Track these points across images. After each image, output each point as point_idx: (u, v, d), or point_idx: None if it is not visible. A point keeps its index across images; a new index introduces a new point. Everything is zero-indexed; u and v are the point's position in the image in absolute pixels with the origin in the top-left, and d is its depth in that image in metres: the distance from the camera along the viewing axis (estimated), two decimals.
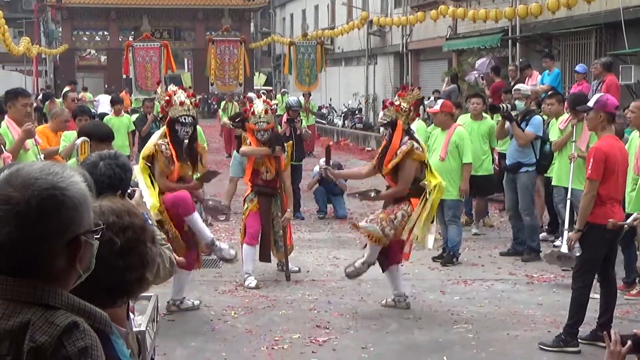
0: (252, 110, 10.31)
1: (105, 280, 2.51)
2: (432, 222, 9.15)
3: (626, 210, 8.67)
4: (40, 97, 27.52)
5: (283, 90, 31.33)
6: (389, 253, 9.03)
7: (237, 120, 14.04)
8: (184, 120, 8.83)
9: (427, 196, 8.88)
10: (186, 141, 8.79)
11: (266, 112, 10.19)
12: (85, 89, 34.63)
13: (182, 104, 8.92)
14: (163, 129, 9.04)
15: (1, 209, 2.01)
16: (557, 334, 7.81)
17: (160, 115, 19.41)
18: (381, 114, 9.45)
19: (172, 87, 9.38)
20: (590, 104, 7.92)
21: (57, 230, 2.06)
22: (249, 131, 10.36)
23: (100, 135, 6.93)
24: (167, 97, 9.02)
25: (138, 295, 2.81)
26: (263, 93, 24.08)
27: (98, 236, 2.20)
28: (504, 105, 11.40)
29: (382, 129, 9.43)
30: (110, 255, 2.51)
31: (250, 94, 41.07)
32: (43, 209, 2.03)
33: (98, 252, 2.46)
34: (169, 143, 8.71)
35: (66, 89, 18.08)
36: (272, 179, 10.30)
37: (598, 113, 7.70)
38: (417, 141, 9.09)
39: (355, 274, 9.23)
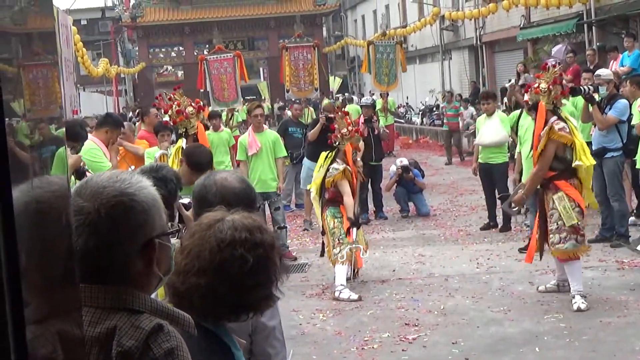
0: (339, 130, 10.17)
1: (233, 297, 2.54)
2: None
3: None
4: (131, 115, 27.98)
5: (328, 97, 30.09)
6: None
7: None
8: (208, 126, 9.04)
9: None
10: None
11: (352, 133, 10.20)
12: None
13: (203, 109, 9.14)
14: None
15: (74, 220, 2.07)
16: None
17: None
18: (526, 96, 9.40)
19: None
20: None
21: (129, 234, 2.11)
22: (351, 147, 10.30)
23: (197, 163, 6.56)
24: (198, 105, 9.21)
25: (264, 312, 2.80)
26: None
27: (174, 238, 2.25)
28: (585, 87, 11.15)
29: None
30: (242, 272, 2.52)
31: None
32: (113, 216, 2.09)
33: (229, 268, 2.50)
34: None
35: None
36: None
37: None
38: (565, 120, 8.89)
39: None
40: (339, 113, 10.65)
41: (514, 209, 9.81)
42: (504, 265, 10.71)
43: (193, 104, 9.20)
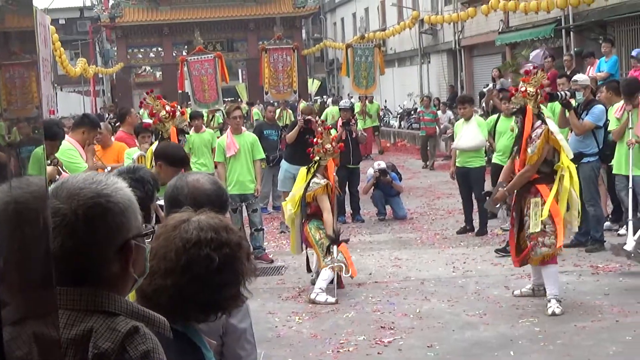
0: (323, 145, 10.10)
1: (201, 296, 2.54)
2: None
3: None
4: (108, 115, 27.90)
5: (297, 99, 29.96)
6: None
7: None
8: (186, 130, 8.96)
9: (560, 181, 8.77)
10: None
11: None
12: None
13: (183, 113, 9.04)
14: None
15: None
16: None
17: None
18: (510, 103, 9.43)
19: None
20: None
21: (106, 236, 2.11)
22: (333, 162, 10.31)
23: (172, 159, 6.61)
24: (172, 108, 9.10)
25: (232, 311, 2.79)
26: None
27: (149, 239, 2.24)
28: (562, 93, 11.22)
29: (513, 117, 9.35)
30: (208, 271, 2.52)
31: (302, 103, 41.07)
32: (90, 217, 2.08)
33: (195, 268, 2.51)
34: None
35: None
36: None
37: None
38: (549, 124, 8.94)
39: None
40: (325, 129, 10.56)
41: (496, 206, 9.85)
42: (480, 269, 10.75)
43: (168, 108, 9.11)
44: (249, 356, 3.51)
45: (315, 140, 10.18)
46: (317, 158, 10.05)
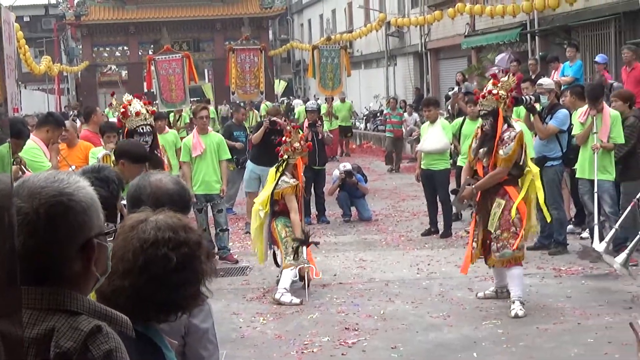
0: (292, 144, 10.05)
1: (160, 296, 2.52)
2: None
3: None
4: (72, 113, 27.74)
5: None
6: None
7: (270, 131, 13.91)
8: (142, 130, 8.82)
9: (526, 184, 8.87)
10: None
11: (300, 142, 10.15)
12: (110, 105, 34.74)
13: (138, 114, 8.90)
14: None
15: None
16: None
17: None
18: (478, 105, 9.30)
19: (126, 97, 9.35)
20: None
21: (68, 235, 2.10)
22: (300, 161, 10.27)
23: (134, 155, 6.72)
24: (122, 109, 9.02)
25: (194, 311, 2.77)
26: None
27: (111, 238, 2.23)
28: (527, 97, 11.30)
29: (479, 120, 9.30)
30: (165, 271, 2.51)
31: (297, 101, 40.95)
32: (51, 216, 2.07)
33: (153, 268, 2.50)
34: None
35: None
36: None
37: None
38: (521, 127, 9.01)
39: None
40: (294, 128, 10.55)
41: (463, 204, 9.88)
42: (444, 271, 10.80)
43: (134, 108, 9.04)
44: (211, 356, 3.50)
45: (284, 139, 10.18)
46: (285, 156, 10.04)
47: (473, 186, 9.07)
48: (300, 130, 10.67)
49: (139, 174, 6.18)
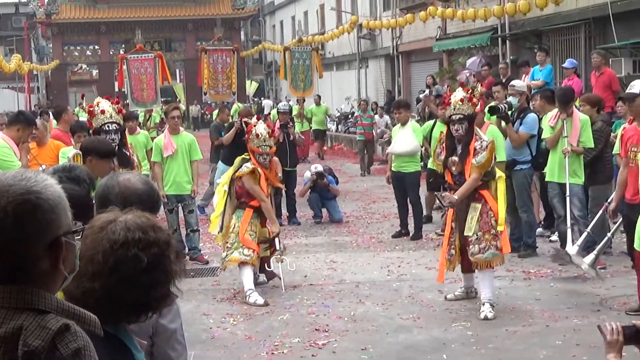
0: (255, 132, 10.03)
1: (130, 297, 2.49)
2: None
3: None
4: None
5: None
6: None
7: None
8: (107, 128, 8.78)
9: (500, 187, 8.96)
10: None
11: (270, 135, 10.09)
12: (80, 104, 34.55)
13: (103, 112, 8.86)
14: None
15: None
16: None
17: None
18: (451, 109, 9.06)
19: (97, 100, 9.33)
20: (636, 90, 7.97)
21: (36, 233, 2.08)
22: (251, 153, 10.17)
23: (101, 151, 6.72)
24: (90, 109, 8.99)
25: (163, 311, 2.75)
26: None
27: (79, 237, 2.22)
28: (501, 106, 11.35)
29: (455, 125, 9.03)
30: (136, 272, 2.48)
31: (267, 101, 40.92)
32: (19, 213, 2.05)
33: (123, 269, 2.47)
34: None
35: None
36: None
37: None
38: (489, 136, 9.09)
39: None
40: (259, 119, 10.57)
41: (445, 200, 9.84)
42: (415, 273, 10.83)
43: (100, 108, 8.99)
44: (180, 357, 3.49)
45: (247, 130, 10.26)
46: (256, 156, 9.95)
47: (456, 197, 8.96)
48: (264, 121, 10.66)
49: (108, 170, 6.17)
